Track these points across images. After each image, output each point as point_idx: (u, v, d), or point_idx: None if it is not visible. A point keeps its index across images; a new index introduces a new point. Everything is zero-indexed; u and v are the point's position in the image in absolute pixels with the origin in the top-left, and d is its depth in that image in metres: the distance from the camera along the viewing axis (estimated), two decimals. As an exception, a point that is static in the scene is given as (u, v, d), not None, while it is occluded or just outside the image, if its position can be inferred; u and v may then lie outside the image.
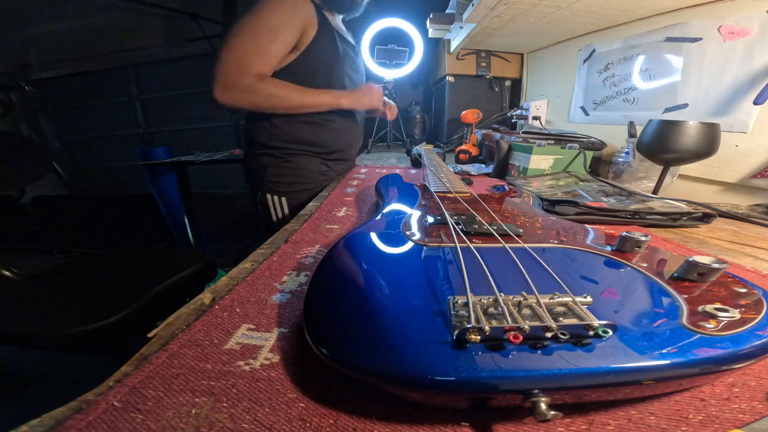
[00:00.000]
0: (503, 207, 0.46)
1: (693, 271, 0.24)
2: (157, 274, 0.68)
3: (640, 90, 0.86)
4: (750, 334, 0.18)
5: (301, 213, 0.56)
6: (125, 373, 0.20)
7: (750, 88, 0.63)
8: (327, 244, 0.41)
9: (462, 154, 1.16)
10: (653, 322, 0.19)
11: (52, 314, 0.58)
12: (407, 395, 0.17)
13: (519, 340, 0.17)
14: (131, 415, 0.17)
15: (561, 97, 1.18)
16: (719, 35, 0.67)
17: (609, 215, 0.50)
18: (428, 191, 0.52)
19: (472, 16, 0.92)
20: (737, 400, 0.19)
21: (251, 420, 0.17)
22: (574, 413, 0.18)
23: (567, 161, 0.80)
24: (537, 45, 1.28)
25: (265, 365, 0.21)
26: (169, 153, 2.09)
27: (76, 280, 0.71)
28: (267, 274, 0.33)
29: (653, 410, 0.18)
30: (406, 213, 0.40)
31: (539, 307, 0.19)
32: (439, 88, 1.66)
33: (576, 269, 0.27)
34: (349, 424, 0.17)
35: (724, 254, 0.41)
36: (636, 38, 0.86)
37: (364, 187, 0.74)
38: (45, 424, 0.17)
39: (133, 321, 0.57)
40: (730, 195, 0.68)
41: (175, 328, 0.25)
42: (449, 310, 0.20)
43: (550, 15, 0.89)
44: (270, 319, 0.26)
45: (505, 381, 0.16)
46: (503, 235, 0.33)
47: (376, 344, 0.18)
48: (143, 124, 2.70)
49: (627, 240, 0.29)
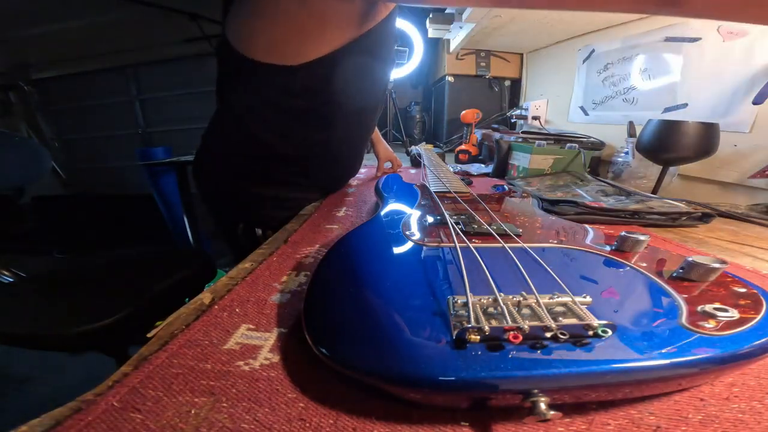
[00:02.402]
0: (503, 207, 0.46)
1: (692, 271, 0.24)
2: (157, 274, 0.68)
3: (640, 90, 0.86)
4: (749, 333, 0.18)
5: (301, 213, 0.56)
6: (125, 373, 0.20)
7: (749, 88, 0.63)
8: (327, 243, 0.41)
9: (462, 154, 1.17)
10: (653, 321, 0.19)
11: (52, 314, 0.58)
12: (407, 395, 0.17)
13: (518, 340, 0.17)
14: (131, 415, 0.17)
15: (560, 97, 1.18)
16: (718, 35, 0.67)
17: (608, 215, 0.51)
18: (428, 191, 0.52)
19: (472, 16, 0.92)
20: (737, 400, 0.19)
21: (251, 420, 0.17)
22: (573, 413, 0.18)
23: (566, 161, 0.80)
24: (536, 45, 1.28)
25: (264, 365, 0.21)
26: (168, 153, 2.09)
27: (76, 280, 0.70)
28: (266, 274, 0.33)
29: (653, 410, 0.18)
30: (405, 213, 0.40)
31: (539, 307, 0.19)
32: (438, 88, 1.66)
33: (575, 269, 0.27)
34: (348, 424, 0.17)
35: (723, 254, 0.41)
36: (635, 38, 0.86)
37: (364, 187, 0.74)
38: (45, 424, 0.17)
39: (132, 321, 0.57)
40: (729, 195, 0.68)
41: (175, 328, 0.25)
42: (449, 310, 0.20)
43: (549, 15, 0.89)
44: (270, 319, 0.26)
45: (504, 381, 0.16)
46: (503, 235, 0.33)
47: (375, 344, 0.18)
48: (143, 124, 2.69)
49: (626, 240, 0.29)
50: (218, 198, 0.65)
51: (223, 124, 0.59)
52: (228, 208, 0.65)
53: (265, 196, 0.60)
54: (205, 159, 0.62)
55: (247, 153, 0.57)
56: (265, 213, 0.61)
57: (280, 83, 0.50)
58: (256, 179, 0.59)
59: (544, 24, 0.96)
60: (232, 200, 0.63)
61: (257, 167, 0.58)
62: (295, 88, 0.50)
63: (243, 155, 0.58)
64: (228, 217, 0.66)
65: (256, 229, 0.63)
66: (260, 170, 0.59)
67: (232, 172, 0.60)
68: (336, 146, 0.62)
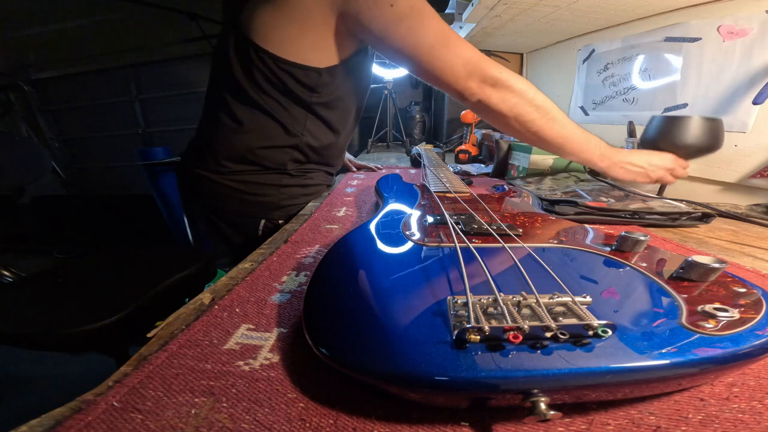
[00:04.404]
0: (503, 207, 0.46)
1: (692, 271, 0.24)
2: (157, 274, 0.68)
3: (640, 90, 0.86)
4: (749, 333, 0.18)
5: (301, 213, 0.56)
6: (125, 373, 0.20)
7: (749, 87, 0.63)
8: (326, 244, 0.41)
9: (462, 154, 1.17)
10: (653, 321, 0.19)
11: (52, 314, 0.58)
12: (407, 395, 0.17)
13: (518, 340, 0.17)
14: (131, 415, 0.17)
15: (560, 97, 1.18)
16: (718, 35, 0.67)
17: (608, 215, 0.51)
18: (428, 191, 0.52)
19: (472, 16, 0.92)
20: (737, 400, 0.19)
21: (251, 420, 0.17)
22: (573, 413, 0.18)
23: (566, 161, 0.80)
24: (536, 45, 1.28)
25: (264, 365, 0.21)
26: (168, 153, 2.09)
27: (76, 280, 0.70)
28: (266, 274, 0.33)
29: (653, 410, 0.18)
30: (405, 213, 0.40)
31: (539, 307, 0.19)
32: (438, 88, 1.66)
33: (575, 269, 0.27)
34: (348, 423, 0.17)
35: (723, 254, 0.41)
36: (635, 38, 0.86)
37: (364, 187, 0.74)
38: (44, 424, 0.17)
39: (132, 321, 0.57)
40: (729, 195, 0.68)
41: (175, 328, 0.25)
42: (449, 310, 0.20)
43: (549, 15, 0.89)
44: (269, 319, 0.26)
45: (504, 381, 0.16)
46: (503, 234, 0.33)
47: (375, 344, 0.18)
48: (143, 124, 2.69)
49: (626, 240, 0.29)
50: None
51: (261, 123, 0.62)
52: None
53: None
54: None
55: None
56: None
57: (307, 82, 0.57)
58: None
59: (544, 24, 0.96)
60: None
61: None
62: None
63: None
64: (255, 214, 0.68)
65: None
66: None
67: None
68: (343, 141, 0.72)
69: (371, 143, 1.59)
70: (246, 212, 0.65)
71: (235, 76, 0.56)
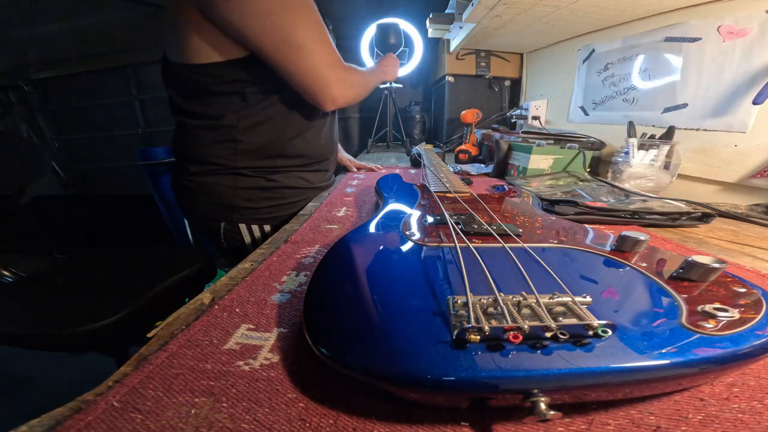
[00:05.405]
0: (503, 207, 0.46)
1: (692, 271, 0.24)
2: (157, 274, 0.68)
3: (640, 90, 0.86)
4: (749, 333, 0.18)
5: (301, 213, 0.56)
6: (124, 373, 0.20)
7: (749, 87, 0.63)
8: (327, 244, 0.41)
9: (462, 154, 1.16)
10: (653, 321, 0.19)
11: (52, 314, 0.58)
12: (407, 395, 0.17)
13: (518, 340, 0.17)
14: (131, 415, 0.17)
15: (560, 97, 1.18)
16: (718, 35, 0.67)
17: (608, 215, 0.51)
18: (428, 191, 0.52)
19: (472, 16, 0.92)
20: (737, 400, 0.19)
21: (251, 420, 0.17)
22: (573, 413, 0.18)
23: (566, 161, 0.80)
24: (536, 45, 1.28)
25: (264, 365, 0.21)
26: (168, 153, 2.09)
27: (76, 280, 0.70)
28: (266, 274, 0.33)
29: (653, 410, 0.18)
30: (405, 213, 0.40)
31: (539, 307, 0.19)
32: (438, 88, 1.66)
33: (575, 269, 0.27)
34: (348, 423, 0.17)
35: (723, 254, 0.41)
36: (635, 38, 0.86)
37: (364, 187, 0.74)
38: (44, 424, 0.17)
39: (132, 321, 0.57)
40: (729, 195, 0.68)
41: (175, 328, 0.25)
42: (449, 309, 0.20)
43: (549, 15, 0.89)
44: (269, 319, 0.26)
45: (504, 381, 0.16)
46: (503, 234, 0.33)
47: (375, 344, 0.18)
48: (143, 124, 2.69)
49: (626, 240, 0.29)
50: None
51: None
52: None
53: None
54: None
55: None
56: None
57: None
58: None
59: (544, 24, 0.96)
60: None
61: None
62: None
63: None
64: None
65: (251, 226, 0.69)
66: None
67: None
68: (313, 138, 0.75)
69: (371, 143, 1.59)
70: (207, 214, 0.69)
71: (169, 91, 0.65)
